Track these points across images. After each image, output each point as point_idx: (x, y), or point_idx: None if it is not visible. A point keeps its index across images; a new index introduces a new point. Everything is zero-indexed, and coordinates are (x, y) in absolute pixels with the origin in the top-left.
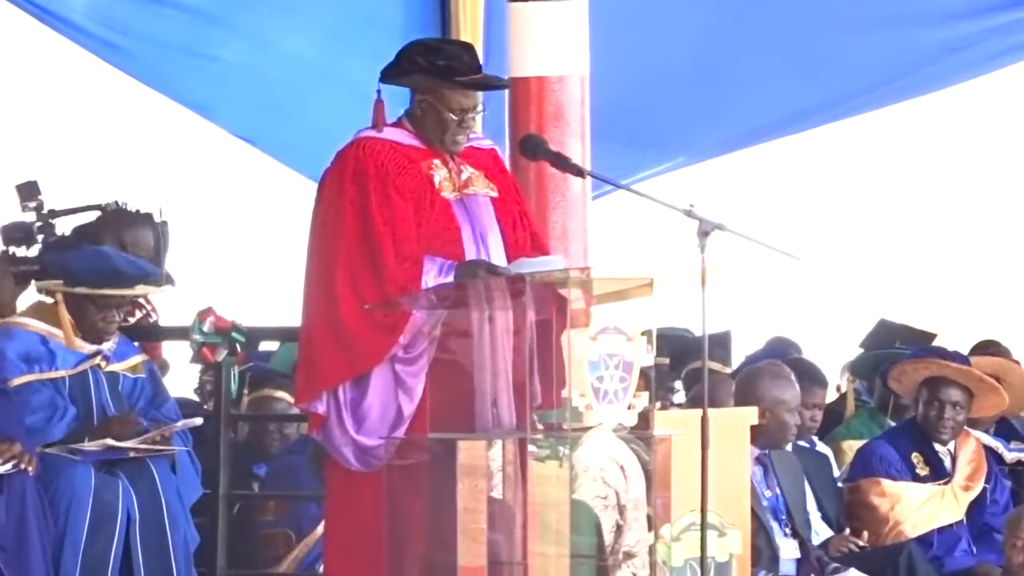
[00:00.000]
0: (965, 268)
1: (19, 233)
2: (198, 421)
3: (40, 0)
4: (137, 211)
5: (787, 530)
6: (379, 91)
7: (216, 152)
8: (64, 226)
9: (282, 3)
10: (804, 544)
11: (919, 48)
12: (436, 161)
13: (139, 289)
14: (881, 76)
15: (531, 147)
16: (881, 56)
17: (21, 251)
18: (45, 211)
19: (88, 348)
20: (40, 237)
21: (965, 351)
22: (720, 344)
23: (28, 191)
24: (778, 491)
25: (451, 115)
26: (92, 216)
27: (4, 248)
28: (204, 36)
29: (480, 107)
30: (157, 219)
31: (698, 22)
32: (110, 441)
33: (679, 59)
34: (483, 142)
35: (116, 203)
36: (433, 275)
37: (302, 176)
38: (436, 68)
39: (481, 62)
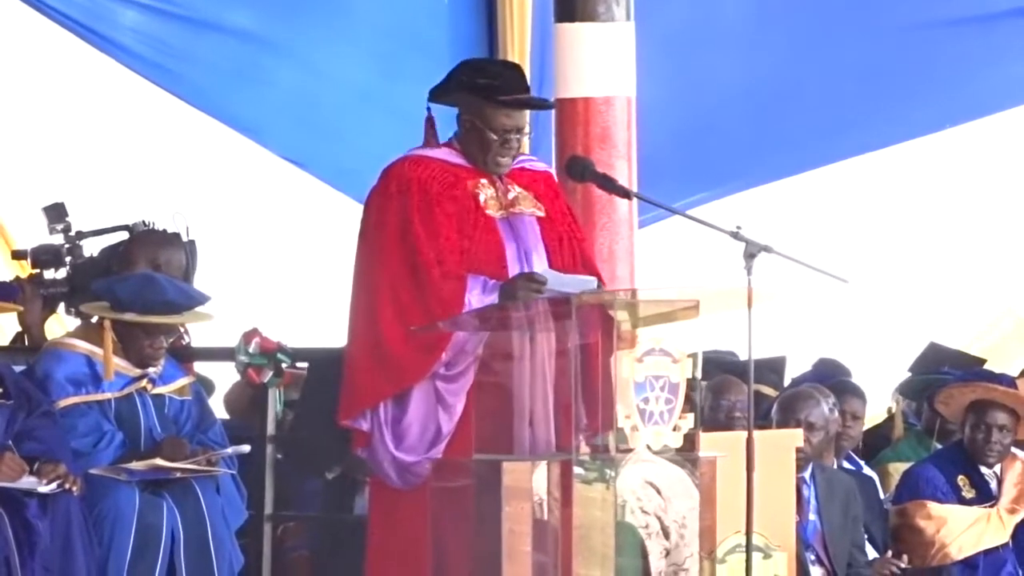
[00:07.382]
0: (1016, 291)
1: (47, 256)
2: (246, 449)
3: (89, 22)
4: (165, 231)
5: (812, 557)
6: (428, 108)
7: (259, 172)
8: (92, 247)
9: (331, 28)
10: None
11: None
12: (483, 180)
13: (188, 316)
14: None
15: (577, 168)
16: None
17: (50, 274)
18: (73, 233)
19: (135, 371)
20: (68, 259)
21: (1015, 375)
22: (772, 369)
23: (55, 213)
24: (812, 517)
25: (492, 135)
26: (119, 237)
27: (33, 271)
28: (255, 60)
29: (527, 128)
30: (185, 239)
31: (747, 45)
32: (158, 461)
33: (726, 82)
34: (537, 164)
35: (143, 223)
36: (477, 293)
37: (349, 198)
38: (477, 87)
39: (529, 83)
